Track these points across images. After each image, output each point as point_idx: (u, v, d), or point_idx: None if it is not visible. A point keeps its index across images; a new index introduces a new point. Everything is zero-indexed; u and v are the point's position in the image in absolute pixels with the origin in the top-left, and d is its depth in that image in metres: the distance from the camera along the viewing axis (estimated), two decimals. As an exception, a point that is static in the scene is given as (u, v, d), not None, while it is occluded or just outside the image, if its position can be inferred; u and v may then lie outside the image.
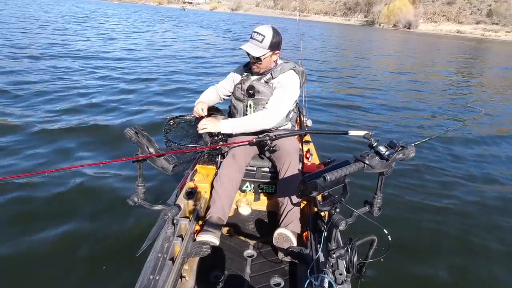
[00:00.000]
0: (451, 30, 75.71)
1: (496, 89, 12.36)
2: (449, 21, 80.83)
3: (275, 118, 2.32)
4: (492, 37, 67.21)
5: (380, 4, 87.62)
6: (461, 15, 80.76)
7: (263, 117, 2.29)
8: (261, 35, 2.23)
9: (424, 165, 4.61)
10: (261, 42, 2.23)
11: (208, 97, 2.63)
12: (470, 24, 76.42)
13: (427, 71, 15.79)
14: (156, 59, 12.22)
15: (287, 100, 2.36)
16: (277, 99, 2.33)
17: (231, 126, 2.27)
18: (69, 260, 2.54)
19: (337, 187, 1.57)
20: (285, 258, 2.10)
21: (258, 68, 2.35)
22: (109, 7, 59.28)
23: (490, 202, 3.85)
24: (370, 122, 6.71)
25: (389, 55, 22.19)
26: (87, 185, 3.52)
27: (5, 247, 2.63)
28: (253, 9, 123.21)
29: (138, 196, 1.65)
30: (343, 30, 56.03)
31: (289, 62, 2.46)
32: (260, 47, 2.23)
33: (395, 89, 10.50)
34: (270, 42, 2.23)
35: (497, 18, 72.22)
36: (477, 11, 79.42)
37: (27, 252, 2.59)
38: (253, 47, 2.24)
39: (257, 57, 2.24)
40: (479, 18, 77.52)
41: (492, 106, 9.27)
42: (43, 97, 6.37)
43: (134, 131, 1.59)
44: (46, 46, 12.16)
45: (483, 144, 5.90)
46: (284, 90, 2.34)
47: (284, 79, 2.36)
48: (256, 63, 2.31)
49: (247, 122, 2.31)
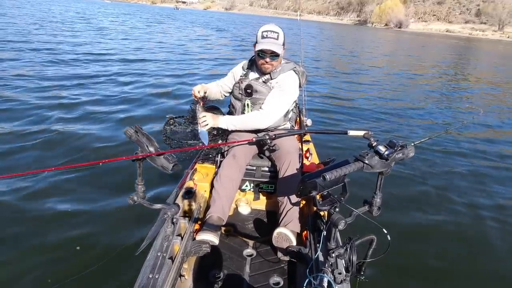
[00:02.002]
0: (440, 29, 76.18)
1: (495, 88, 12.39)
2: (439, 20, 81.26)
3: (271, 118, 2.29)
4: (479, 36, 67.97)
5: (372, 4, 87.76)
6: (451, 15, 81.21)
7: (258, 117, 2.27)
8: (275, 33, 2.22)
9: (424, 164, 4.59)
10: (277, 39, 2.22)
11: (209, 85, 2.58)
12: (459, 24, 76.92)
13: (426, 70, 15.84)
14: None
15: (284, 100, 2.33)
16: (273, 99, 2.29)
17: (226, 122, 2.27)
18: (69, 259, 2.50)
19: (336, 187, 1.55)
20: (285, 258, 2.08)
21: (272, 66, 2.30)
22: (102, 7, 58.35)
23: (490, 202, 3.84)
24: (370, 122, 6.68)
25: (387, 55, 22.18)
26: (87, 184, 3.47)
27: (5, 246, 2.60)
28: (247, 9, 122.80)
29: (138, 195, 1.63)
30: (337, 29, 56.00)
31: (289, 62, 2.43)
32: (278, 44, 2.22)
33: (395, 89, 10.49)
34: (284, 39, 2.25)
35: (485, 18, 72.86)
36: (466, 11, 79.88)
37: (26, 251, 2.56)
38: (272, 44, 2.21)
39: (277, 54, 2.22)
40: (468, 18, 78.03)
41: (490, 105, 9.28)
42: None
43: (134, 130, 1.57)
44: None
45: (483, 143, 5.89)
46: (282, 90, 2.30)
47: (284, 80, 2.33)
48: (271, 61, 2.26)
49: (243, 120, 2.30)
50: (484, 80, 14.18)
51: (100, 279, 2.34)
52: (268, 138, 2.17)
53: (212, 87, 2.59)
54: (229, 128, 2.30)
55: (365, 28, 72.99)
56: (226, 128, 2.29)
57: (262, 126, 2.31)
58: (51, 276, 2.33)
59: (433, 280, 2.64)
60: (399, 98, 9.22)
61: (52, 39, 13.71)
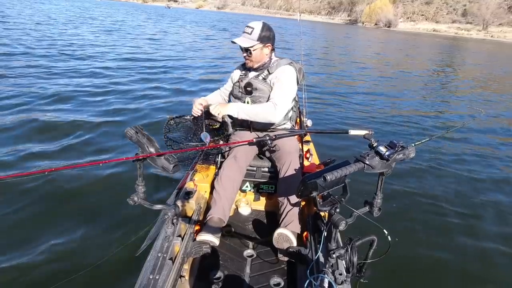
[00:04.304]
0: (427, 28, 76.77)
1: (493, 88, 12.45)
2: (427, 20, 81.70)
3: (281, 110, 2.23)
4: (464, 35, 68.74)
5: (362, 4, 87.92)
6: (438, 15, 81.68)
7: (270, 108, 2.20)
8: (250, 28, 2.24)
9: (424, 165, 4.56)
10: (250, 34, 2.24)
11: (210, 97, 2.58)
12: (446, 23, 77.53)
13: (425, 69, 15.89)
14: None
15: (288, 91, 2.31)
16: (279, 90, 2.26)
17: (238, 109, 2.22)
18: (68, 259, 2.47)
19: (337, 187, 1.53)
20: (285, 258, 2.06)
21: (250, 61, 2.33)
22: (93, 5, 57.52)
23: (491, 202, 3.82)
24: (370, 122, 6.64)
25: (384, 55, 22.11)
26: (86, 184, 3.42)
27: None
28: (239, 8, 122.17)
29: (138, 196, 1.62)
30: (329, 28, 55.95)
31: (285, 58, 2.43)
32: (249, 39, 2.24)
33: (395, 89, 10.48)
34: (259, 34, 2.23)
35: (471, 18, 73.62)
36: (453, 11, 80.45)
37: (26, 251, 2.52)
38: (243, 39, 2.26)
39: (246, 48, 2.24)
40: (455, 18, 78.57)
41: (491, 106, 9.28)
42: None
43: (134, 130, 1.54)
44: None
45: (483, 144, 5.87)
46: (283, 82, 2.28)
47: (282, 72, 2.32)
48: (247, 56, 2.29)
49: (253, 109, 2.23)
50: (483, 80, 14.23)
51: (100, 280, 2.30)
52: (268, 139, 2.14)
53: (214, 97, 2.58)
54: (239, 116, 2.22)
55: (356, 27, 73.14)
56: (236, 115, 2.22)
57: (273, 119, 2.24)
58: (50, 276, 2.30)
59: (434, 281, 2.62)
60: (399, 98, 9.18)
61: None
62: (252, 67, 2.37)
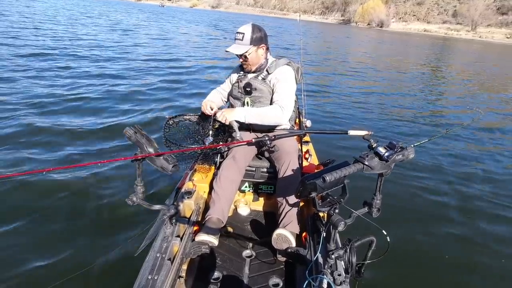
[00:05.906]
0: (419, 29, 77.32)
1: (492, 88, 12.49)
2: (418, 20, 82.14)
3: (287, 113, 2.25)
4: (454, 36, 69.50)
5: (355, 4, 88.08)
6: (430, 15, 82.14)
7: (277, 111, 2.20)
8: (241, 33, 2.23)
9: (423, 166, 4.55)
10: (242, 40, 2.22)
11: (211, 97, 2.55)
12: (437, 24, 78.06)
13: (424, 70, 15.89)
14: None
15: (291, 90, 2.31)
16: (282, 90, 2.26)
17: (245, 114, 2.20)
18: (68, 259, 2.44)
19: (336, 188, 1.51)
20: (284, 259, 2.03)
21: (247, 65, 2.32)
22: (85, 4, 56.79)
23: (491, 202, 3.82)
24: (369, 122, 6.62)
25: (380, 54, 22.13)
26: (85, 184, 3.38)
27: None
28: (234, 7, 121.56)
29: (137, 196, 1.59)
30: (323, 28, 55.95)
31: (282, 58, 2.41)
32: (242, 45, 2.23)
33: (394, 88, 10.46)
34: (251, 37, 2.21)
35: (461, 19, 74.26)
36: (444, 12, 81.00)
37: (25, 251, 2.49)
38: (236, 46, 2.25)
39: (240, 54, 2.24)
40: (446, 18, 79.11)
41: (490, 106, 9.28)
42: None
43: (133, 130, 1.52)
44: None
45: (483, 144, 5.87)
46: (284, 82, 2.27)
47: (280, 73, 2.30)
48: (244, 61, 2.29)
49: (261, 113, 2.22)
50: (481, 80, 14.26)
51: (98, 280, 2.28)
52: (267, 139, 2.12)
53: (215, 98, 2.56)
54: (246, 121, 2.22)
55: (349, 27, 73.27)
56: (244, 120, 2.21)
57: (280, 121, 2.26)
58: (50, 276, 2.26)
59: (433, 281, 2.61)
60: (398, 98, 9.15)
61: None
62: (250, 71, 2.36)
